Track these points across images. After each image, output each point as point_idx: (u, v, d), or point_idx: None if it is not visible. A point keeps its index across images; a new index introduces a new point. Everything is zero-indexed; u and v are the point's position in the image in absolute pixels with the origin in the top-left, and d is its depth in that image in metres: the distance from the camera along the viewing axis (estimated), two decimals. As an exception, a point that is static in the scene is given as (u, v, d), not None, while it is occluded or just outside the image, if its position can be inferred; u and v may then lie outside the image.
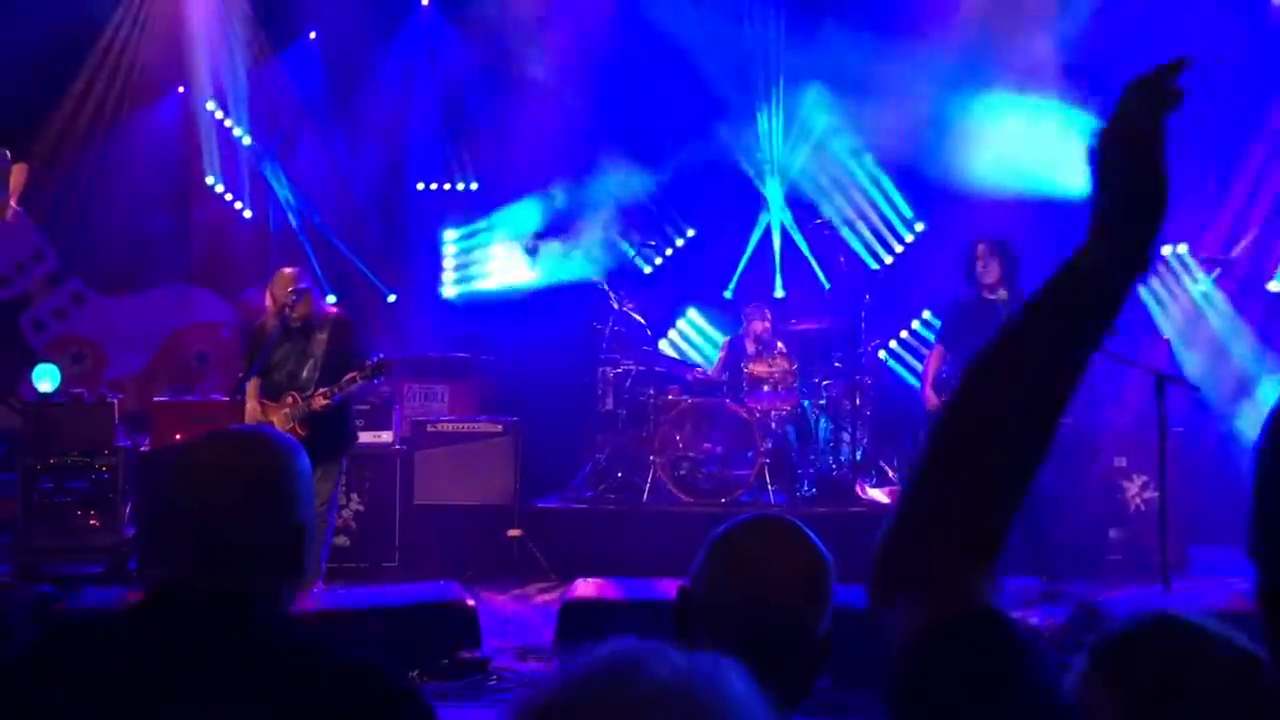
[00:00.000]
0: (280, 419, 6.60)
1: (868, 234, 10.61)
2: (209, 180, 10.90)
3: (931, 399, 7.77)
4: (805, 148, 10.50)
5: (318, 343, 6.71)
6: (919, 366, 10.14)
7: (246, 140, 10.84)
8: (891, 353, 10.46)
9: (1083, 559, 7.78)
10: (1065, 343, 1.14)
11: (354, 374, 6.62)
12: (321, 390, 6.56)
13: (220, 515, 1.71)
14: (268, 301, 6.76)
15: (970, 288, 7.62)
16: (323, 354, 6.69)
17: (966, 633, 1.06)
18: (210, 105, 10.77)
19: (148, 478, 8.19)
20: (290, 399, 6.63)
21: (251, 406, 6.71)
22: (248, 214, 10.95)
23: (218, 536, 1.71)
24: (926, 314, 10.48)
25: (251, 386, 6.76)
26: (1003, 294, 7.44)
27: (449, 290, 10.98)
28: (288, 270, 6.88)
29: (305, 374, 6.67)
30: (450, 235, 11.05)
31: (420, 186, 11.05)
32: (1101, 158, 1.13)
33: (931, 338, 10.32)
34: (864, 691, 5.32)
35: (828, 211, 10.37)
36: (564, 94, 10.52)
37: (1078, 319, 1.14)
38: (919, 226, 10.59)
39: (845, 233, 10.43)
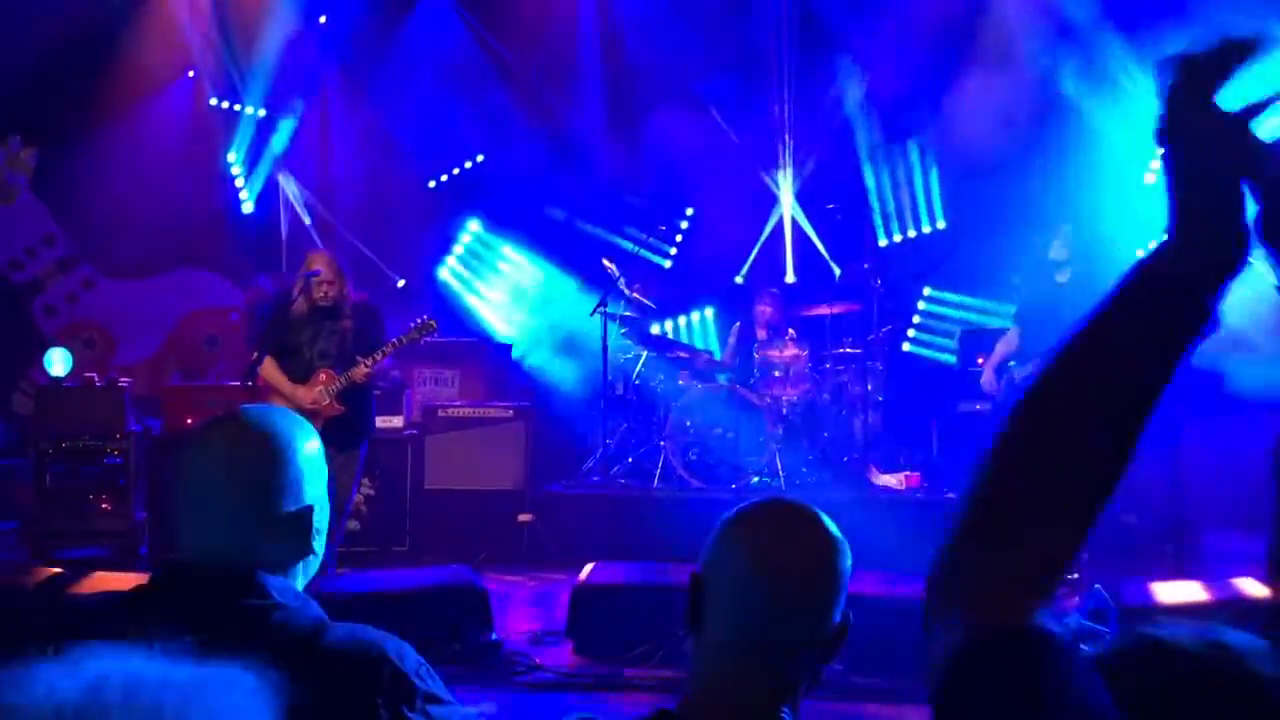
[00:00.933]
0: (314, 395, 6.65)
1: (891, 210, 10.60)
2: (218, 165, 10.92)
3: (990, 382, 7.81)
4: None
5: (345, 325, 6.77)
6: (942, 341, 10.18)
7: (257, 117, 10.84)
8: (913, 340, 10.47)
9: (1098, 546, 7.75)
10: (1144, 351, 1.05)
11: (399, 338, 6.76)
12: (362, 359, 6.62)
13: (230, 497, 1.71)
14: (298, 283, 6.79)
15: (1045, 267, 7.70)
16: (351, 336, 6.76)
17: (1016, 650, 1.01)
18: (217, 94, 10.77)
19: (159, 462, 8.22)
20: (325, 374, 6.67)
21: (280, 381, 6.74)
22: (249, 207, 10.96)
23: (228, 518, 1.71)
24: (928, 289, 10.50)
25: (269, 364, 6.78)
26: (1064, 274, 7.48)
27: (445, 274, 11.00)
28: (320, 252, 7.00)
29: (337, 351, 6.72)
30: (474, 225, 11.08)
31: (432, 184, 11.07)
32: (1167, 150, 1.03)
33: (938, 310, 10.37)
34: (875, 676, 5.32)
35: (869, 177, 10.41)
36: (571, 77, 10.53)
37: (1156, 325, 1.04)
38: (941, 224, 10.57)
39: (873, 198, 10.46)
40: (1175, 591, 5.60)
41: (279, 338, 6.76)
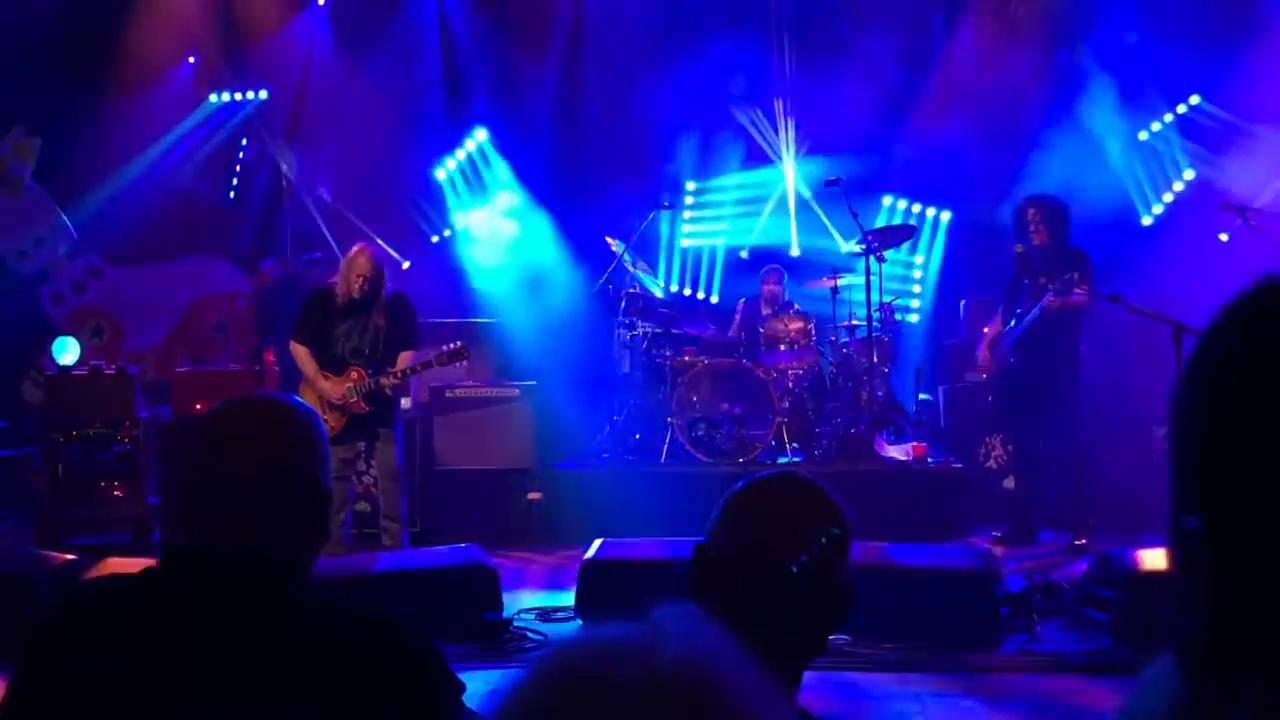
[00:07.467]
0: (343, 391, 6.80)
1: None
2: (221, 150, 10.94)
3: (984, 357, 7.83)
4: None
5: (378, 318, 6.94)
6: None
7: (258, 100, 10.85)
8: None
9: (1111, 512, 7.81)
10: None
11: (430, 359, 7.01)
12: (391, 370, 6.87)
13: (245, 481, 1.73)
14: (340, 275, 6.94)
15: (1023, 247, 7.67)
16: (385, 328, 6.93)
17: None
18: (217, 78, 10.78)
19: (170, 448, 8.26)
20: (355, 373, 6.85)
21: (311, 368, 6.86)
22: (250, 191, 10.99)
23: (243, 502, 1.73)
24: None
25: (305, 353, 6.90)
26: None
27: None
28: (366, 250, 7.05)
29: (369, 350, 6.91)
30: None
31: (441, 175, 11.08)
32: None
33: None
34: (881, 646, 5.36)
35: None
36: (574, 59, 10.51)
37: None
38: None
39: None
40: (1158, 558, 5.63)
41: (316, 328, 6.88)
